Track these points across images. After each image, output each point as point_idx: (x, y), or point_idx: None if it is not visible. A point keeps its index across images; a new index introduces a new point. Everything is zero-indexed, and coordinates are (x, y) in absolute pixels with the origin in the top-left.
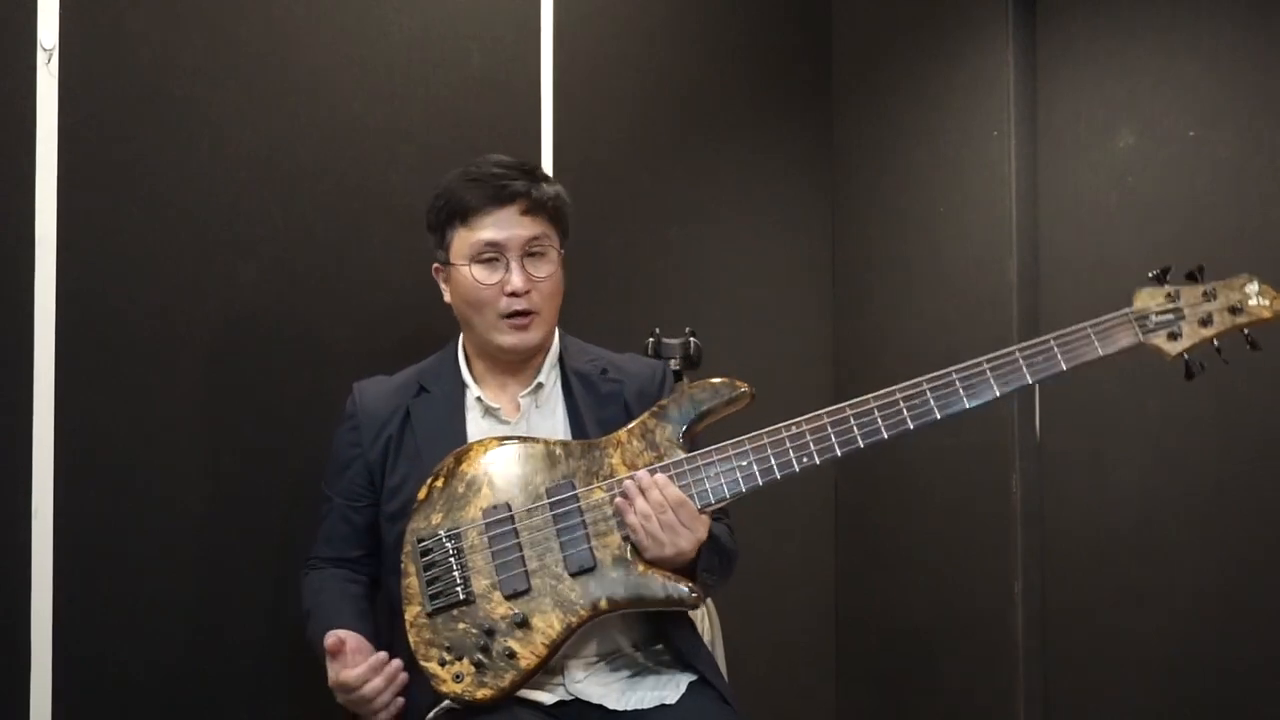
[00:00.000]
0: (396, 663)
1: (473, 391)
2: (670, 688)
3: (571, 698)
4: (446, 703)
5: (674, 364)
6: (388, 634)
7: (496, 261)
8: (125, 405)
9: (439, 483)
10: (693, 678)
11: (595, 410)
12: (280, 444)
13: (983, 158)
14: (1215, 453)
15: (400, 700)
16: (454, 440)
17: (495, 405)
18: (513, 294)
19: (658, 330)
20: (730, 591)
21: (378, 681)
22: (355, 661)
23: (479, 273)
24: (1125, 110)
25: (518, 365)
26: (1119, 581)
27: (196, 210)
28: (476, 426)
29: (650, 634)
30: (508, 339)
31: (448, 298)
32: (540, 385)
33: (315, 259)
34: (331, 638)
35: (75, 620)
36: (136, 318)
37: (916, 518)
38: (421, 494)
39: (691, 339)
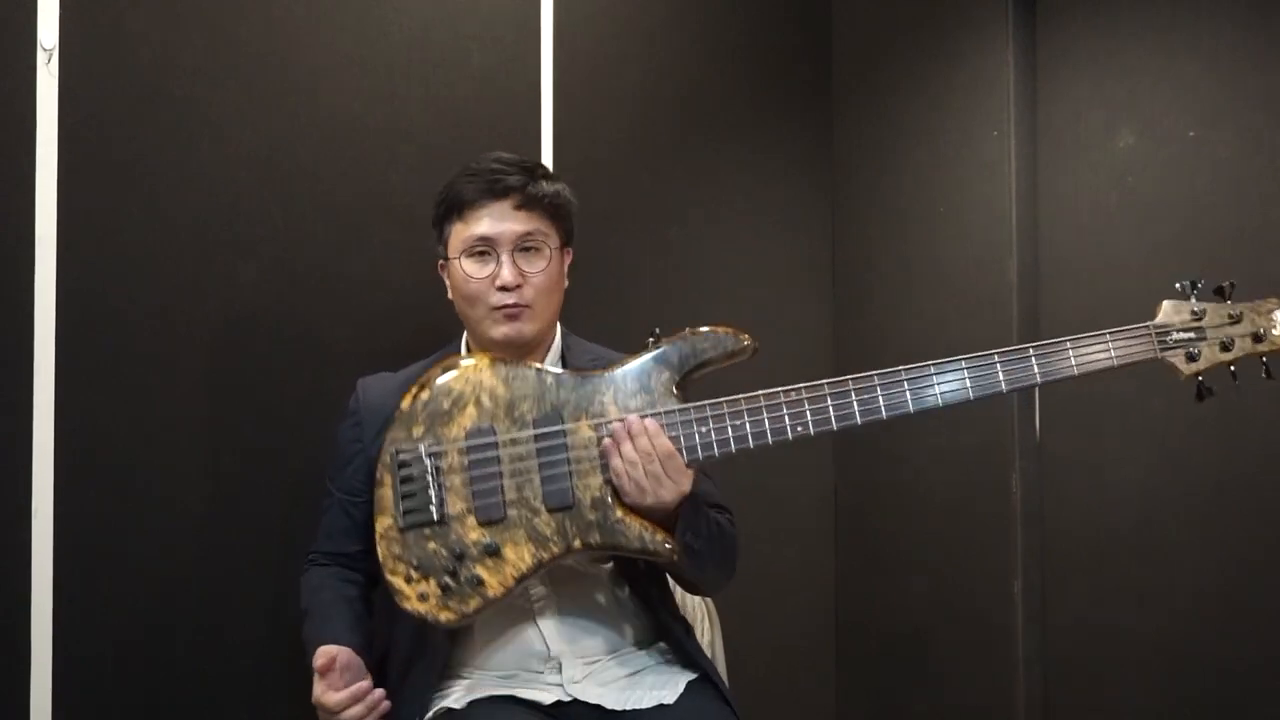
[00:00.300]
0: (379, 692)
1: None
2: (669, 687)
3: (570, 698)
4: (440, 706)
5: None
6: (385, 636)
7: (488, 256)
8: (125, 405)
9: (423, 394)
10: (691, 677)
11: None
12: (280, 444)
13: (983, 158)
14: (1216, 453)
15: None
16: None
17: None
18: (503, 288)
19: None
20: (730, 593)
21: (358, 709)
22: (342, 681)
23: (469, 266)
24: (1125, 110)
25: None
26: (1119, 581)
27: (196, 210)
28: None
29: (649, 634)
30: (500, 330)
31: (450, 295)
32: None
33: (315, 259)
34: (321, 658)
35: (75, 620)
36: (136, 318)
37: (916, 518)
38: (405, 403)
39: None
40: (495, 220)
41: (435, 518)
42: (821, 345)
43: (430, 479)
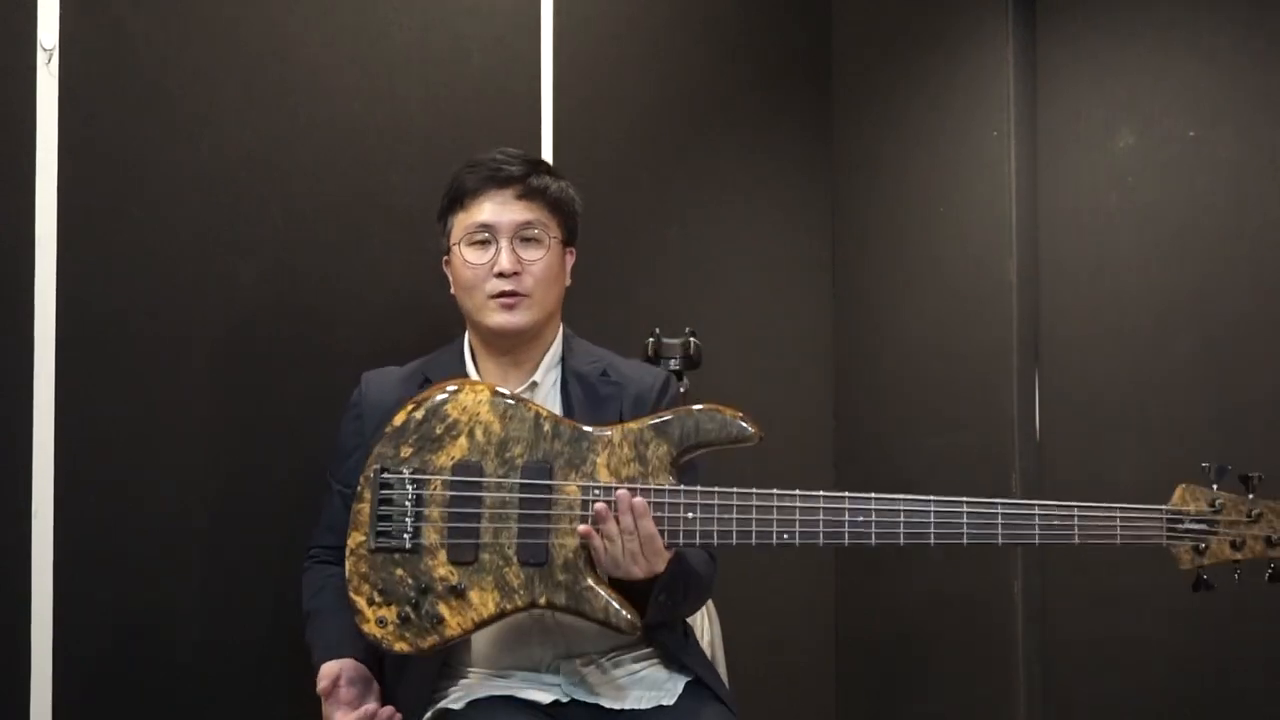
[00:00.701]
0: (388, 710)
1: None
2: (668, 688)
3: (569, 698)
4: (439, 706)
5: (674, 364)
6: None
7: (488, 244)
8: (125, 405)
9: (418, 414)
10: (690, 678)
11: (590, 413)
12: (281, 444)
13: (982, 158)
14: (1216, 453)
15: None
16: None
17: None
18: (500, 275)
19: (658, 330)
20: (730, 594)
21: None
22: (350, 695)
23: (469, 253)
24: (1125, 110)
25: (519, 358)
26: (1119, 582)
27: (196, 210)
28: None
29: (647, 635)
30: (495, 318)
31: (453, 289)
32: (535, 384)
33: (315, 259)
34: (323, 680)
35: (75, 620)
36: (136, 318)
37: None
38: (398, 419)
39: (691, 339)
40: (496, 207)
41: (408, 546)
42: (821, 345)
43: (409, 505)
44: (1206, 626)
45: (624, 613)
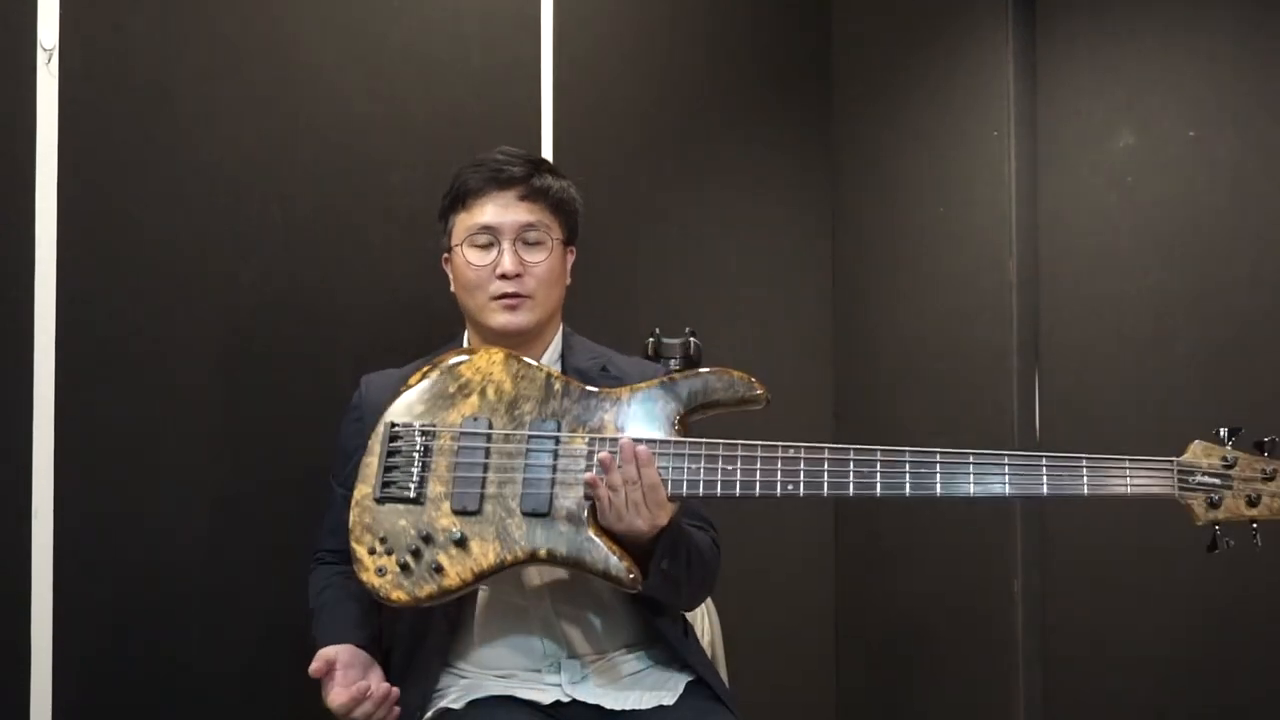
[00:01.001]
0: (384, 686)
1: None
2: (668, 688)
3: (569, 698)
4: (439, 706)
5: (674, 364)
6: (387, 634)
7: (491, 245)
8: (125, 405)
9: (433, 373)
10: (691, 678)
11: None
12: (281, 444)
13: (983, 158)
14: None
15: (397, 710)
16: None
17: None
18: (503, 276)
19: (658, 330)
20: (730, 592)
21: (366, 706)
22: (347, 679)
23: (471, 255)
24: (1125, 110)
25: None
26: (1119, 581)
27: (196, 210)
28: None
29: (649, 634)
30: (498, 319)
31: (453, 287)
32: None
33: (315, 259)
34: (316, 662)
35: (75, 620)
36: (136, 318)
37: (915, 517)
38: (413, 380)
39: (691, 339)
40: (499, 209)
41: (412, 495)
42: (821, 345)
43: (416, 456)
44: (1207, 627)
45: (624, 565)
